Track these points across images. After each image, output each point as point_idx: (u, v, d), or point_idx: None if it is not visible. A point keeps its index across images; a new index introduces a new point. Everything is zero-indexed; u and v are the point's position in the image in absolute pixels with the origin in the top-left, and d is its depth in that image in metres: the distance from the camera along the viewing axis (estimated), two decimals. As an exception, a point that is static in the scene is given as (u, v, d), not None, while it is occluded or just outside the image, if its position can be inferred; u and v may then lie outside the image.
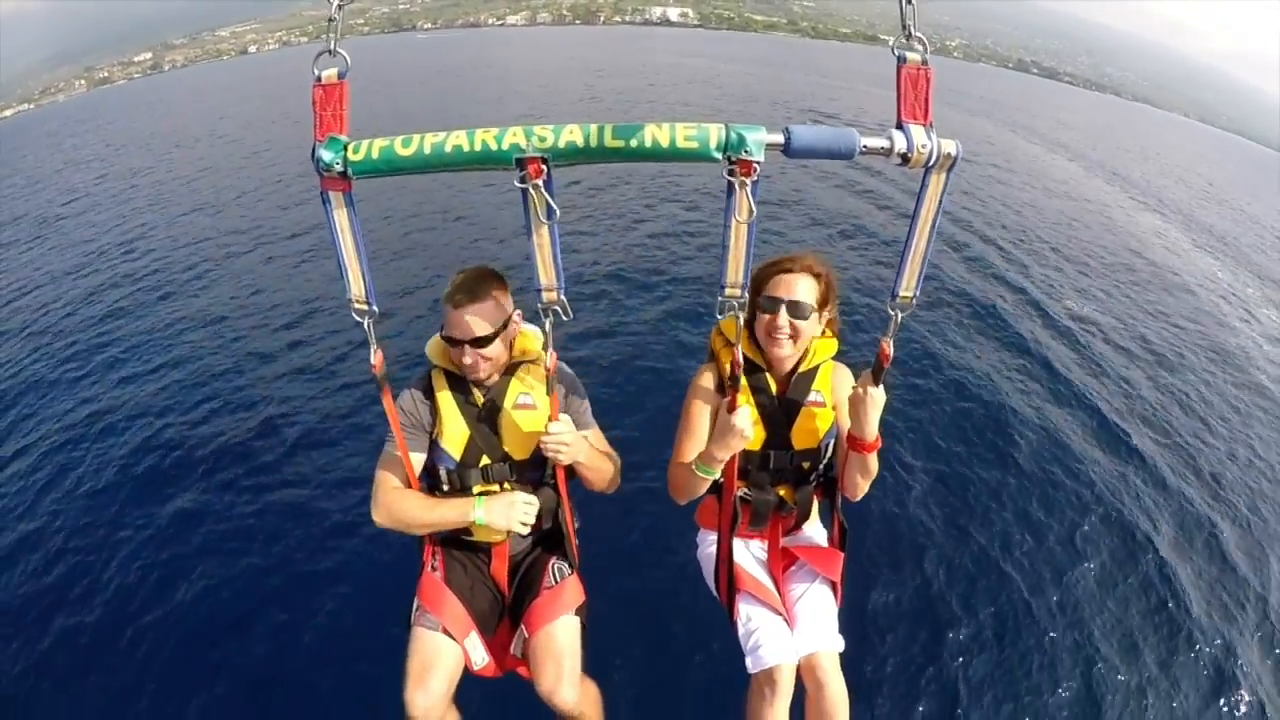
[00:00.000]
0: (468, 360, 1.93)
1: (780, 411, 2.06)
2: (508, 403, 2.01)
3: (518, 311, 2.04)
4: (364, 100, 25.48)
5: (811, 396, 2.06)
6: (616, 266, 8.56)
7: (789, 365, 2.08)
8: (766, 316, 1.97)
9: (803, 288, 1.96)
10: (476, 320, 1.88)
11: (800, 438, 2.07)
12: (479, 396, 2.03)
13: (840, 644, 2.00)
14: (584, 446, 1.97)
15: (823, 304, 2.01)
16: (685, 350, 6.45)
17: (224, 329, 7.51)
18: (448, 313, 1.91)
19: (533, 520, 1.97)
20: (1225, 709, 3.63)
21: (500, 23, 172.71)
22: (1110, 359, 7.36)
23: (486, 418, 2.02)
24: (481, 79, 35.62)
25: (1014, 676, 3.64)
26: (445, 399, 2.01)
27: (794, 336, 1.98)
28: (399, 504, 1.94)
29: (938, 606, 4.02)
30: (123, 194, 15.13)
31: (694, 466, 1.93)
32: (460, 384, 2.03)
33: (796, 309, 1.95)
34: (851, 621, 3.59)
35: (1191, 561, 4.63)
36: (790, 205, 11.34)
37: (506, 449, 2.02)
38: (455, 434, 2.00)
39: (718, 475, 1.95)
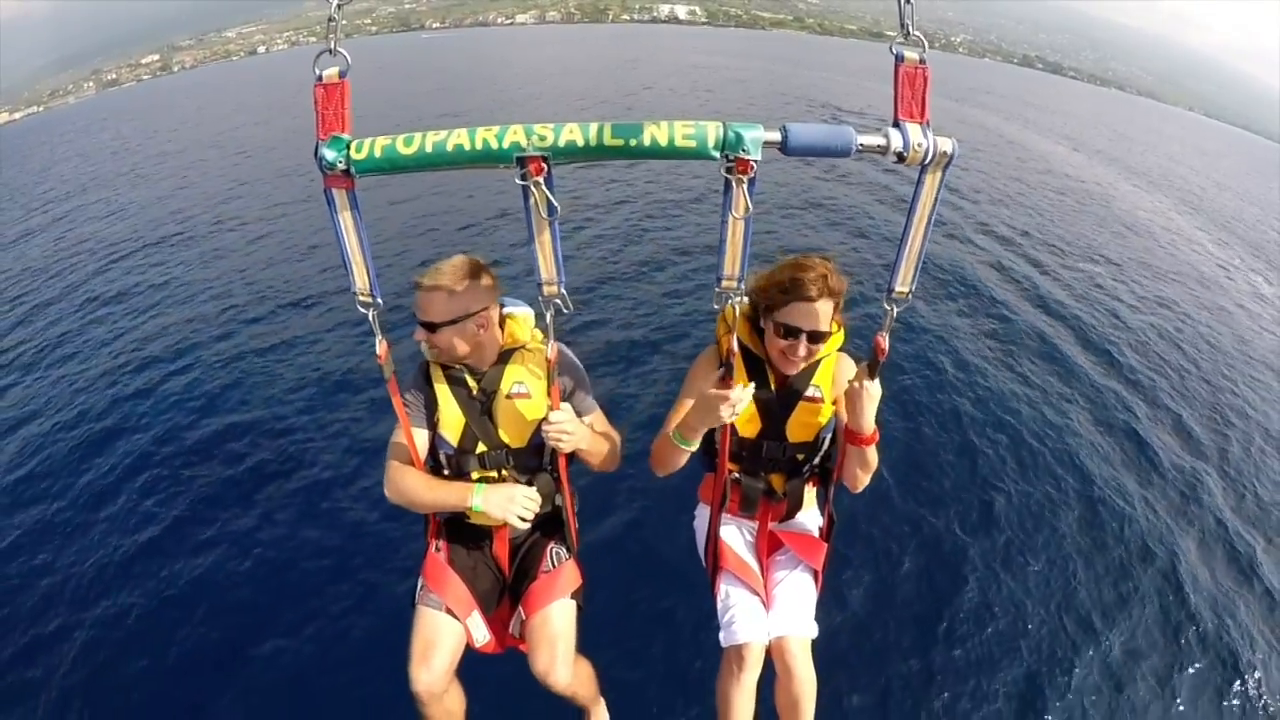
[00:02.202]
0: (419, 338, 1.97)
1: (777, 403, 2.05)
2: (502, 391, 2.03)
3: (499, 307, 2.04)
4: (376, 101, 25.50)
5: (810, 391, 2.05)
6: (619, 256, 8.70)
7: None
8: (783, 342, 1.94)
9: (823, 315, 1.92)
10: (431, 304, 1.91)
11: (795, 431, 2.07)
12: (473, 384, 2.05)
13: (813, 631, 2.03)
14: (585, 433, 1.99)
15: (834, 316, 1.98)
16: (688, 336, 6.56)
17: (236, 321, 7.63)
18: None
19: (531, 515, 2.00)
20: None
21: (509, 21, 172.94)
22: (1121, 346, 7.34)
23: (482, 405, 2.05)
24: (495, 77, 35.76)
25: (985, 680, 3.61)
26: (441, 387, 2.05)
27: (808, 358, 1.98)
28: (404, 481, 2.00)
29: (918, 601, 4.04)
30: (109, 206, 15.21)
31: (671, 435, 1.91)
32: (456, 372, 2.05)
33: (817, 338, 1.94)
34: (831, 610, 3.60)
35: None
36: (798, 197, 11.43)
37: (502, 436, 2.05)
38: (451, 420, 2.04)
39: (693, 447, 1.91)
